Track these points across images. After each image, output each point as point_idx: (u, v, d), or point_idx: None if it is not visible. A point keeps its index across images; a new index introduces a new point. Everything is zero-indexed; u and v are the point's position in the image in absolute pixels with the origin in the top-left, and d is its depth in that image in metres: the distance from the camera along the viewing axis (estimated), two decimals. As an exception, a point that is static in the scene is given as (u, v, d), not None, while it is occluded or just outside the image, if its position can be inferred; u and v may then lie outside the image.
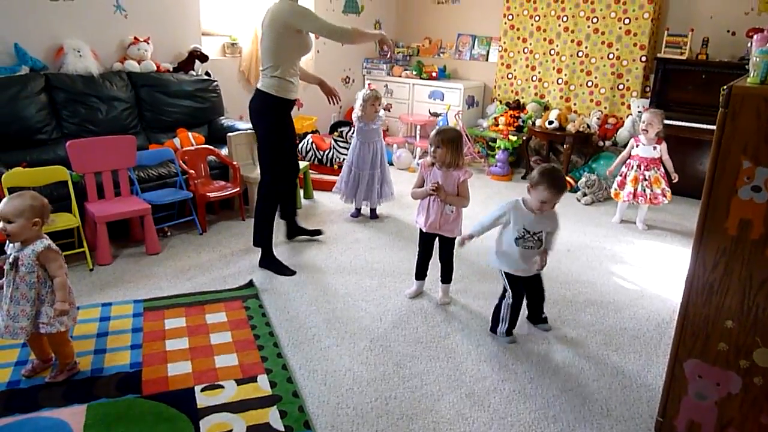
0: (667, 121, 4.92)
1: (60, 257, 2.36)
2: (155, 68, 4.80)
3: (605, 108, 6.04)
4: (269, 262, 3.62)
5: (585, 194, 5.22)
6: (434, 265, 3.28)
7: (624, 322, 3.12)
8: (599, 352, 2.82)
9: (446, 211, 3.08)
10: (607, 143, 5.77)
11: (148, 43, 4.78)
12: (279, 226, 4.09)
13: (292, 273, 3.56)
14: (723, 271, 1.93)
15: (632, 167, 4.50)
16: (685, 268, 2.02)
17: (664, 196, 4.44)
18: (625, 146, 4.84)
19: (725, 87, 1.82)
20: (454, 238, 3.16)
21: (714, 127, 1.88)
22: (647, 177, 4.44)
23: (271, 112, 3.44)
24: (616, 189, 4.63)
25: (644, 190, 4.44)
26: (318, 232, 4.17)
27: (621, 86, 5.94)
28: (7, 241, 2.36)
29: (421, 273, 3.32)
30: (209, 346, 2.72)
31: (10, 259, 2.29)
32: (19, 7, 4.11)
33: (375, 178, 4.47)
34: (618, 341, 2.92)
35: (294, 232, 4.13)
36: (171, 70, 4.96)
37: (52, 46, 4.31)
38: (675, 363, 2.10)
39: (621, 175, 4.60)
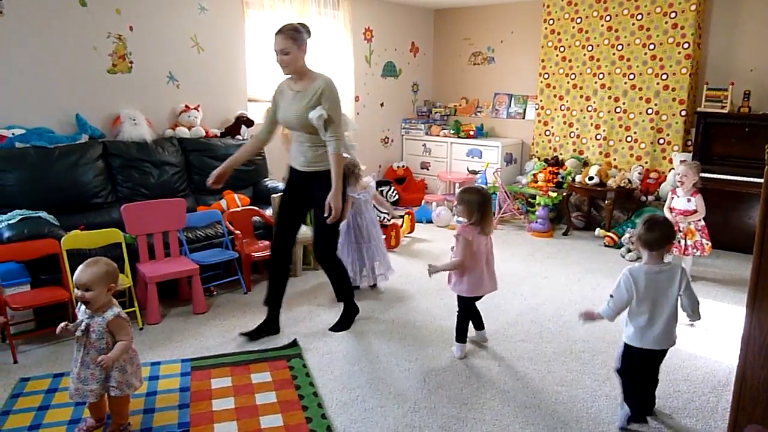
0: (711, 175, 4.86)
1: (127, 324, 2.43)
2: (204, 134, 5.03)
3: (646, 163, 6.00)
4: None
5: (629, 250, 5.13)
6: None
7: (678, 384, 3.01)
8: (654, 416, 2.71)
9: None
10: (650, 198, 5.70)
11: (198, 111, 5.04)
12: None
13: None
14: (780, 332, 1.87)
15: None
16: (738, 327, 1.96)
17: (696, 248, 4.35)
18: (668, 201, 4.81)
19: (769, 145, 1.82)
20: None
21: (760, 180, 1.87)
22: (681, 229, 4.39)
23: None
24: None
25: (678, 241, 4.39)
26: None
27: (661, 141, 5.91)
28: (79, 306, 2.45)
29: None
30: (254, 407, 2.73)
31: (82, 326, 2.36)
32: (81, 80, 4.41)
33: (367, 252, 4.27)
34: (673, 405, 2.81)
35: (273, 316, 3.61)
36: (219, 135, 5.20)
37: (110, 116, 4.59)
38: (735, 429, 2.01)
39: None
